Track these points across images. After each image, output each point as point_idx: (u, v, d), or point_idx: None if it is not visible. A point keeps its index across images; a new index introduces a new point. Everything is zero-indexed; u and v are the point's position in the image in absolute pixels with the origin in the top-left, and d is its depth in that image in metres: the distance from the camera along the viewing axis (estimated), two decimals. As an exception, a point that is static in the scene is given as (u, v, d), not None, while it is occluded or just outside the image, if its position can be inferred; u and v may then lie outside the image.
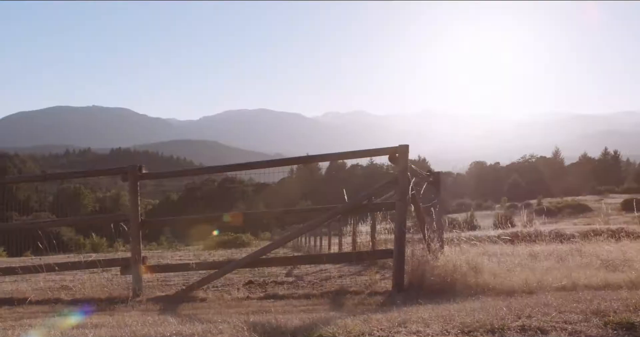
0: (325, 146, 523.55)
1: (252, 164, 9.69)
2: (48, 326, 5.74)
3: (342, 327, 4.71)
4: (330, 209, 9.26)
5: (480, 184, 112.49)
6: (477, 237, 12.33)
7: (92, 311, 7.51)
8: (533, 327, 4.55)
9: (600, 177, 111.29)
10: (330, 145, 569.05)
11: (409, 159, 8.60)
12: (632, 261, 8.70)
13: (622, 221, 36.34)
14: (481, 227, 28.94)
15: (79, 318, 6.56)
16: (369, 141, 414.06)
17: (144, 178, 9.59)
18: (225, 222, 9.76)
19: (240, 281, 10.72)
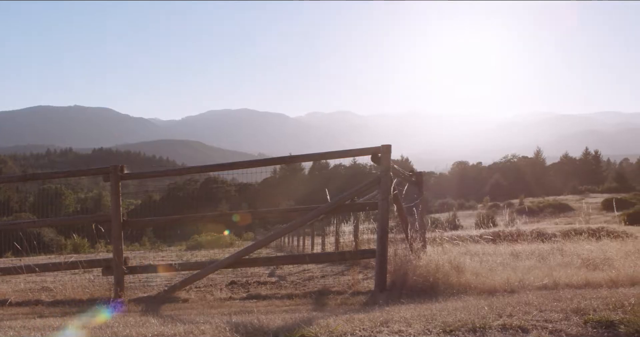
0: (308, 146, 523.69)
1: (234, 164, 9.66)
2: (29, 328, 5.69)
3: (325, 327, 4.71)
4: (313, 209, 9.26)
5: (463, 184, 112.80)
6: (459, 236, 12.42)
7: (73, 312, 7.46)
8: (514, 326, 4.57)
9: (581, 177, 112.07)
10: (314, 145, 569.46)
11: (392, 159, 8.62)
12: (612, 259, 8.78)
13: (603, 220, 36.74)
14: (464, 226, 29.13)
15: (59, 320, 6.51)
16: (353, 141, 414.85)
17: (126, 178, 9.54)
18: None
19: (223, 281, 10.70)
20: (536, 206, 62.58)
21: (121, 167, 9.30)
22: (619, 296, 5.59)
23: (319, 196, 10.79)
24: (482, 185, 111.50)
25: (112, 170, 9.21)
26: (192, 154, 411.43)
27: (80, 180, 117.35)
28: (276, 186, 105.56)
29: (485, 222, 26.65)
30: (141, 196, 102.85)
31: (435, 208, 67.37)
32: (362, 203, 9.83)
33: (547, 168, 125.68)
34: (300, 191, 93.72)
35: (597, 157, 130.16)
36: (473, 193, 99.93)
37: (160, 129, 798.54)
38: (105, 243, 22.02)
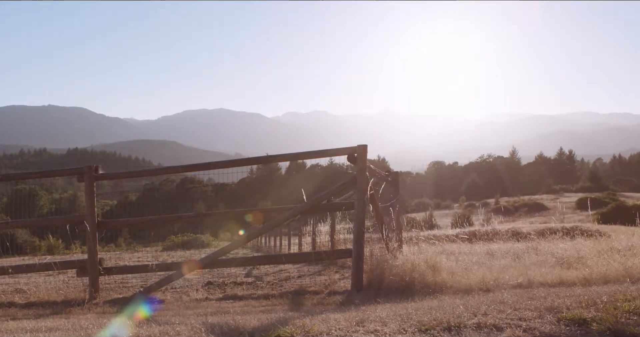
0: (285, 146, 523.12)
1: (211, 164, 9.64)
2: (1, 331, 5.62)
3: (300, 327, 4.71)
4: (289, 209, 9.26)
5: (439, 184, 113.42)
6: (435, 236, 12.46)
7: (47, 314, 7.39)
8: (489, 324, 4.61)
9: (556, 177, 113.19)
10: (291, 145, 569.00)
11: (368, 159, 8.64)
12: (585, 258, 8.86)
13: (577, 219, 37.12)
14: (440, 226, 29.26)
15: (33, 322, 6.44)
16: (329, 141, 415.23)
17: (100, 179, 9.47)
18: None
19: (199, 282, 10.66)
20: (512, 206, 63.13)
21: (96, 168, 9.23)
22: (591, 294, 5.66)
23: (296, 196, 10.78)
24: (458, 185, 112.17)
25: (86, 170, 9.14)
26: (168, 154, 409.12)
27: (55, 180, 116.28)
28: (253, 186, 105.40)
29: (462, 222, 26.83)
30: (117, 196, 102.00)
31: (411, 208, 67.69)
32: (338, 203, 9.84)
33: (523, 168, 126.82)
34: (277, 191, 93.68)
35: (572, 157, 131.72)
36: (449, 193, 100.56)
37: (136, 129, 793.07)
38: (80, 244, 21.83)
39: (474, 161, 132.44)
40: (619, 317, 4.58)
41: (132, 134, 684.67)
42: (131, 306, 7.74)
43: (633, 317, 4.61)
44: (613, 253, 8.94)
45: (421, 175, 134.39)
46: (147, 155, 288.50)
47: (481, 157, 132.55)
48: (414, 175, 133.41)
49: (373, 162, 10.39)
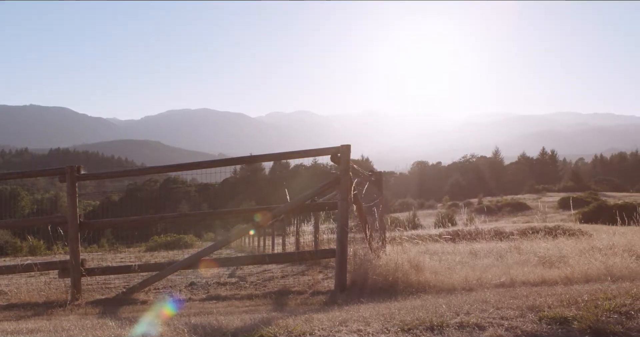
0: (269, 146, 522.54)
1: (194, 164, 9.61)
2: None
3: (284, 327, 4.71)
4: (273, 209, 9.25)
5: (423, 184, 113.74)
6: (419, 236, 12.49)
7: (28, 316, 7.33)
8: (471, 323, 4.63)
9: (538, 176, 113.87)
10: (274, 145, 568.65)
11: (352, 159, 8.65)
12: (567, 257, 8.92)
13: (559, 218, 37.41)
14: (423, 226, 29.31)
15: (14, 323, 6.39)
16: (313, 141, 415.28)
17: (82, 179, 9.41)
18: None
19: (182, 282, 10.63)
20: (494, 205, 63.39)
21: (77, 168, 9.17)
22: (573, 292, 5.70)
23: (280, 196, 10.77)
24: (441, 184, 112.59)
25: (68, 170, 9.08)
26: (151, 154, 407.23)
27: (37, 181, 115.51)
28: (237, 186, 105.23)
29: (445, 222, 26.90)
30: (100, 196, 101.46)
31: (395, 208, 67.78)
32: (322, 203, 9.84)
33: (505, 168, 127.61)
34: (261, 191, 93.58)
35: (554, 157, 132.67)
36: (433, 193, 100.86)
37: (119, 129, 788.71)
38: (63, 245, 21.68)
39: (457, 161, 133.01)
40: (599, 315, 4.62)
41: (115, 134, 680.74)
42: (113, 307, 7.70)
43: (613, 315, 4.65)
44: (594, 252, 9.01)
45: (405, 175, 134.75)
46: (130, 156, 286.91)
47: (464, 157, 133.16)
48: (398, 175, 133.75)
49: (357, 162, 10.41)
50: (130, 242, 47.13)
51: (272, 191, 66.88)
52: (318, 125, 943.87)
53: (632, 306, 4.88)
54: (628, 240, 9.80)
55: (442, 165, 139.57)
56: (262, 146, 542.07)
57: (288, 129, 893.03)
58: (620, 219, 12.34)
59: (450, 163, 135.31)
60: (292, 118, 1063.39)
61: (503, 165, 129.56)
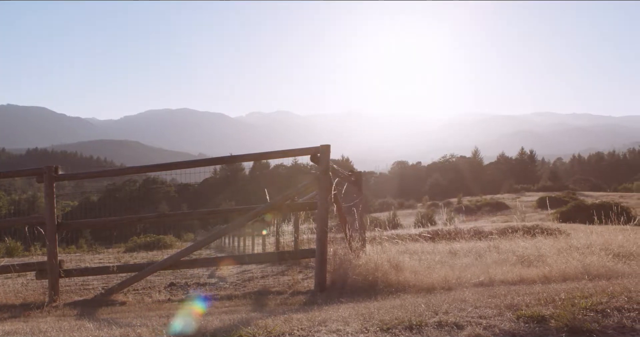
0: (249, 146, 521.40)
1: (173, 164, 9.58)
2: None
3: (263, 327, 4.70)
4: (252, 209, 9.23)
5: (403, 184, 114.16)
6: (399, 235, 12.52)
7: (5, 318, 7.26)
8: (449, 322, 4.65)
9: (517, 176, 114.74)
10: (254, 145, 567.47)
11: (331, 159, 8.65)
12: (545, 256, 8.99)
13: (538, 218, 37.70)
14: (403, 225, 29.39)
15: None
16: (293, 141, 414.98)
17: (60, 179, 9.33)
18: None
19: (162, 283, 10.58)
20: (474, 205, 63.78)
21: (55, 168, 9.09)
22: (550, 291, 5.74)
23: (260, 196, 10.76)
24: (421, 184, 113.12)
25: (45, 171, 9.00)
26: (131, 155, 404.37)
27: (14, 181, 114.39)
28: (217, 186, 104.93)
29: (425, 221, 27.02)
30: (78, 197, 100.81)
31: (375, 207, 67.95)
32: (301, 203, 9.83)
33: (485, 167, 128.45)
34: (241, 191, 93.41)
35: (532, 157, 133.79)
36: (413, 192, 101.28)
37: (98, 129, 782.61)
38: (40, 246, 21.49)
39: (437, 161, 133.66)
40: (576, 313, 4.66)
41: (94, 134, 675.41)
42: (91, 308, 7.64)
43: (590, 313, 4.70)
44: (572, 251, 9.09)
45: (385, 175, 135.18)
46: (109, 156, 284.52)
47: (444, 157, 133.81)
48: (378, 175, 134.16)
49: (337, 162, 10.41)
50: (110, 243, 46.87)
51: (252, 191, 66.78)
52: (298, 125, 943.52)
53: (608, 304, 4.93)
54: (605, 239, 9.90)
55: (422, 165, 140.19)
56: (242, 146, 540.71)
57: (268, 129, 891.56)
58: (598, 218, 12.45)
59: (430, 163, 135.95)
60: (272, 118, 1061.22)
61: (482, 165, 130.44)
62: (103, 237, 53.50)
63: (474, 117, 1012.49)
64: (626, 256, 8.70)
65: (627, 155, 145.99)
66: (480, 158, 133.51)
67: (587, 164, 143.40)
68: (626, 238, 9.88)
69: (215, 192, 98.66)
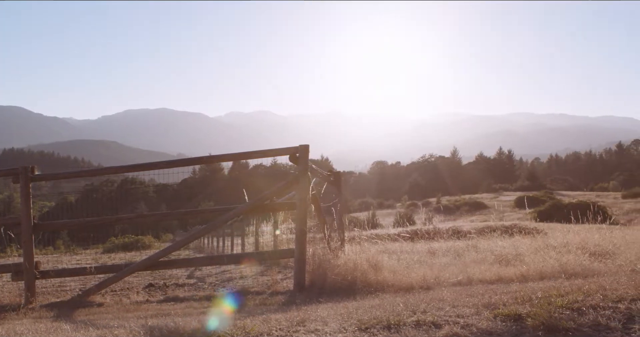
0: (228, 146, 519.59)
1: (151, 164, 9.54)
2: None
3: (241, 327, 4.69)
4: (231, 209, 9.21)
5: (382, 184, 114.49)
6: (378, 235, 12.56)
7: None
8: (427, 322, 4.67)
9: (496, 176, 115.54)
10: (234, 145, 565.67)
11: (311, 159, 8.66)
12: (523, 255, 9.07)
13: (516, 217, 38.01)
14: (383, 225, 29.50)
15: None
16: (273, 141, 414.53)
17: (37, 179, 9.25)
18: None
19: (140, 284, 10.53)
20: (453, 204, 64.06)
21: (32, 168, 9.01)
22: (527, 290, 5.78)
23: (239, 196, 10.74)
24: (400, 184, 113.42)
25: (21, 171, 8.91)
26: (109, 155, 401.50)
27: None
28: (195, 186, 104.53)
29: (404, 221, 27.10)
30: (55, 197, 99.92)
31: (354, 207, 68.00)
32: (280, 203, 9.83)
33: (463, 167, 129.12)
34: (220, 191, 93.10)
35: (511, 157, 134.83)
36: (392, 192, 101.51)
37: (76, 129, 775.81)
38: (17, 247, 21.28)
39: (416, 161, 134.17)
40: (552, 312, 4.70)
41: (71, 134, 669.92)
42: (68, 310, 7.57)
43: (566, 311, 4.74)
44: (549, 250, 9.17)
45: (364, 175, 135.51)
46: (87, 156, 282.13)
47: (423, 157, 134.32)
48: (357, 175, 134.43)
49: (316, 162, 10.43)
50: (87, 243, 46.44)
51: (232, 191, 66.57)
52: (278, 125, 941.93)
53: (584, 302, 4.97)
54: (582, 238, 9.99)
55: (401, 165, 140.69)
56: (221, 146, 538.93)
57: (247, 129, 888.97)
58: (575, 217, 12.58)
59: (409, 163, 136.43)
60: (251, 118, 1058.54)
61: (461, 165, 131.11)
62: (81, 238, 52.96)
63: (452, 117, 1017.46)
64: (602, 254, 8.80)
65: (603, 155, 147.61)
66: (459, 158, 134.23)
67: (564, 164, 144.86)
68: (602, 237, 9.99)
69: (194, 193, 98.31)
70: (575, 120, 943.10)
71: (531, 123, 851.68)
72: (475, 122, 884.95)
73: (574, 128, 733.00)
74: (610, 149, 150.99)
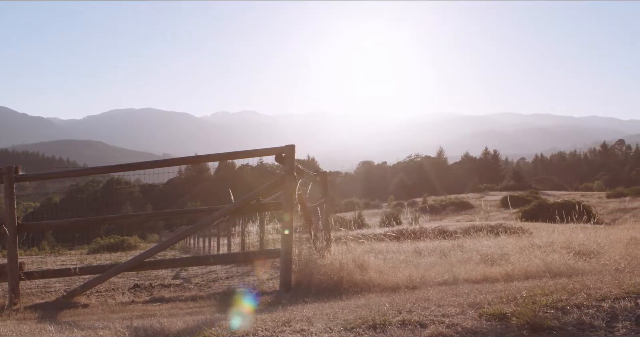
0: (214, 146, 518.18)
1: (138, 164, 9.51)
2: None
3: (226, 328, 4.68)
4: (217, 210, 9.19)
5: (368, 183, 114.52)
6: (364, 235, 12.56)
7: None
8: (413, 321, 4.69)
9: (481, 176, 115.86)
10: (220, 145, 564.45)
11: (297, 159, 8.66)
12: (508, 255, 9.12)
13: (501, 217, 38.15)
14: (369, 225, 29.49)
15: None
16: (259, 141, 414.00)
17: (21, 180, 9.20)
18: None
19: (125, 284, 10.48)
20: (439, 204, 64.15)
21: (16, 168, 8.95)
22: (512, 289, 5.82)
23: (225, 196, 10.72)
24: (386, 184, 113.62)
25: (5, 171, 8.85)
26: (94, 155, 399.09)
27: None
28: (181, 186, 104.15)
29: (390, 221, 27.17)
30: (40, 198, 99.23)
31: (340, 207, 67.90)
32: (266, 203, 9.82)
33: (449, 167, 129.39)
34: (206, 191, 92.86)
35: (496, 157, 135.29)
36: (378, 192, 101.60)
37: (61, 129, 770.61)
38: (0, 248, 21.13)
39: (402, 161, 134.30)
40: (537, 311, 4.73)
41: (56, 134, 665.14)
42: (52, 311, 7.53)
43: (550, 310, 4.77)
44: (534, 249, 9.22)
45: (350, 175, 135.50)
46: (72, 156, 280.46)
47: (409, 157, 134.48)
48: (343, 175, 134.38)
49: (302, 162, 10.43)
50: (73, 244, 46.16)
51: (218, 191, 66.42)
52: (264, 125, 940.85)
53: (568, 301, 5.01)
54: (566, 237, 10.06)
55: (388, 165, 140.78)
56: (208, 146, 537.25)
57: (234, 129, 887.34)
58: (560, 217, 12.68)
59: (395, 163, 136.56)
60: (238, 118, 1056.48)
61: (447, 164, 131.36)
62: (66, 239, 52.63)
63: (438, 117, 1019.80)
64: (587, 253, 8.86)
65: (588, 155, 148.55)
66: (445, 158, 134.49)
67: (550, 164, 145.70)
68: (587, 236, 10.06)
69: (180, 193, 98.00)
70: (560, 120, 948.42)
71: (517, 123, 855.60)
72: (461, 122, 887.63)
73: (559, 128, 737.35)
74: (595, 149, 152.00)
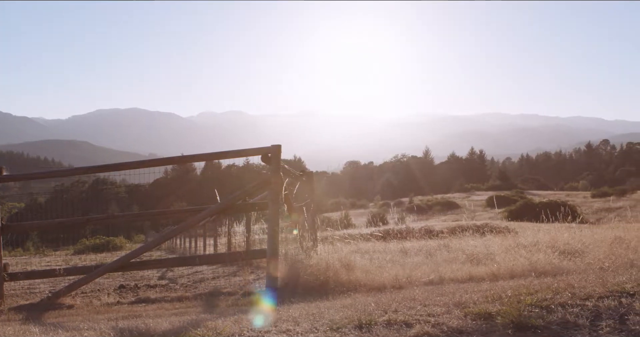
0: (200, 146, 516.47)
1: (123, 164, 9.48)
2: None
3: (212, 329, 4.67)
4: (203, 210, 9.17)
5: (355, 183, 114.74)
6: (350, 235, 12.59)
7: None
8: (399, 321, 4.70)
9: (467, 176, 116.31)
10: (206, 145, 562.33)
11: (283, 159, 8.65)
12: (494, 254, 9.16)
13: (487, 216, 38.31)
14: (355, 225, 29.55)
15: None
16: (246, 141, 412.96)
17: (5, 180, 9.15)
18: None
19: (111, 285, 10.44)
20: (425, 204, 64.35)
21: (0, 169, 8.90)
22: (497, 288, 5.84)
23: (212, 196, 10.70)
24: (373, 184, 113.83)
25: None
26: (80, 155, 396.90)
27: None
28: (168, 186, 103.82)
29: (376, 221, 27.20)
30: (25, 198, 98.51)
31: (327, 207, 67.91)
32: (252, 203, 9.81)
33: (436, 167, 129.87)
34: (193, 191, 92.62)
35: (482, 157, 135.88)
36: (365, 192, 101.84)
37: (46, 129, 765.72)
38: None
39: (388, 161, 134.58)
40: (522, 310, 4.75)
41: (41, 133, 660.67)
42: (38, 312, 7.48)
43: (535, 309, 4.80)
44: (520, 249, 9.27)
45: (337, 175, 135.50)
46: (57, 156, 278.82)
47: (395, 157, 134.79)
48: (330, 175, 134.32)
49: (288, 162, 10.42)
50: (58, 245, 45.83)
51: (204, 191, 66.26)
52: (251, 125, 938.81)
53: (553, 300, 5.04)
54: (552, 237, 10.12)
55: (374, 165, 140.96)
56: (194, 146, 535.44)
57: (220, 128, 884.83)
58: (545, 216, 12.75)
59: (382, 163, 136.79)
60: (224, 118, 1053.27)
61: (433, 164, 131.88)
62: (51, 240, 52.26)
63: (425, 117, 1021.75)
64: (572, 253, 8.91)
65: (573, 155, 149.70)
66: (431, 158, 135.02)
67: (535, 164, 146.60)
68: (572, 236, 10.13)
69: (167, 193, 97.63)
70: (546, 120, 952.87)
71: (503, 123, 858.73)
72: (448, 122, 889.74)
73: (545, 128, 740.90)
74: (580, 149, 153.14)
